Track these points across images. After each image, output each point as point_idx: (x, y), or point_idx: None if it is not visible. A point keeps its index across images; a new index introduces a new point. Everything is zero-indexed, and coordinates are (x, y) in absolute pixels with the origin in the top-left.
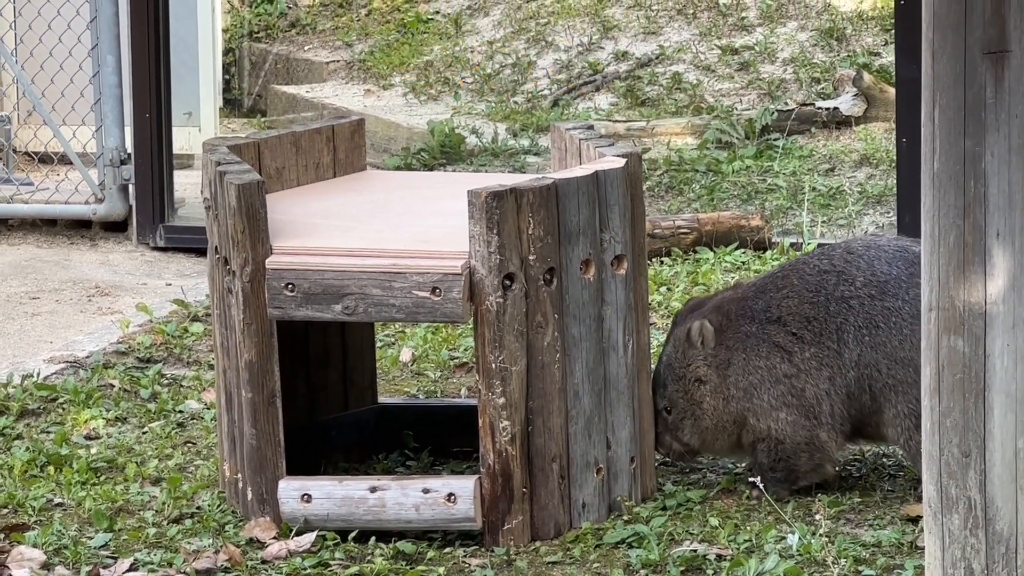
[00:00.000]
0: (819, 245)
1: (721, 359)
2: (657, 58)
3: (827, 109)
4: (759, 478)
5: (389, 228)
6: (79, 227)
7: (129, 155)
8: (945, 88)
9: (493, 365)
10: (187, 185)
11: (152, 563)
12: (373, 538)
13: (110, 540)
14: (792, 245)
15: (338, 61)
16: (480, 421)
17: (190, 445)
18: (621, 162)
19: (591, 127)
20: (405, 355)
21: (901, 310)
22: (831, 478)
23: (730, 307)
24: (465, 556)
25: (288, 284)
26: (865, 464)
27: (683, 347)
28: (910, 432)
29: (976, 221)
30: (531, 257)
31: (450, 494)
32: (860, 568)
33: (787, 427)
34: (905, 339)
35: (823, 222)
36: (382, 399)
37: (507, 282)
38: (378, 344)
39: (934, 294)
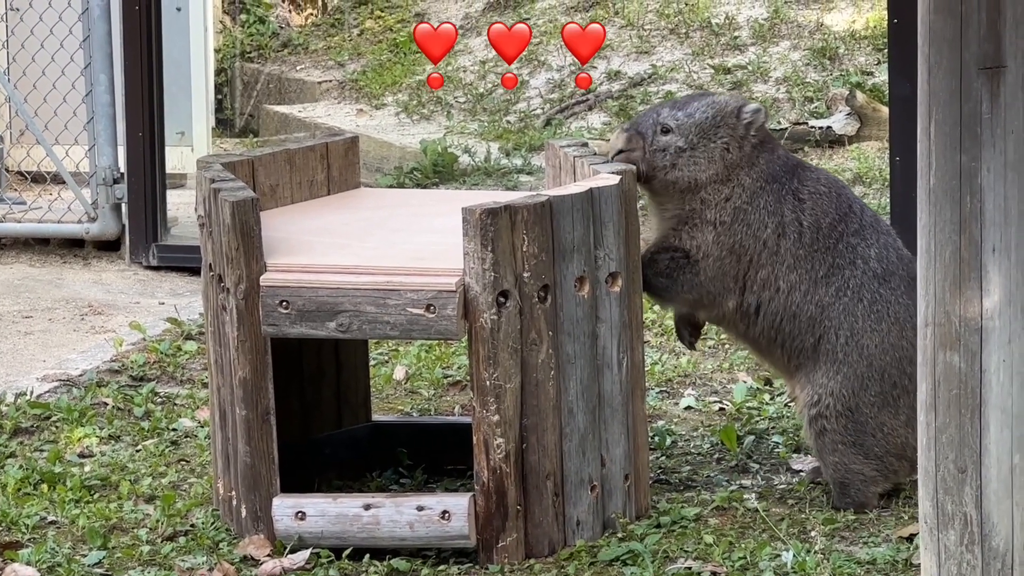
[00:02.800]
0: None
1: None
2: (650, 77)
3: (820, 128)
4: None
5: (383, 245)
6: (72, 246)
7: (122, 174)
8: (941, 103)
9: (487, 382)
10: (180, 204)
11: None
12: (367, 556)
13: (104, 558)
14: None
15: (330, 81)
16: (474, 438)
17: (184, 463)
18: (615, 179)
19: (585, 144)
20: (399, 373)
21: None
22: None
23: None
24: (459, 574)
25: (282, 301)
26: None
27: None
28: (828, 411)
29: (972, 236)
30: (525, 274)
31: (444, 511)
32: None
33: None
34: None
35: None
36: (376, 417)
37: (501, 299)
38: (372, 362)
39: (930, 309)
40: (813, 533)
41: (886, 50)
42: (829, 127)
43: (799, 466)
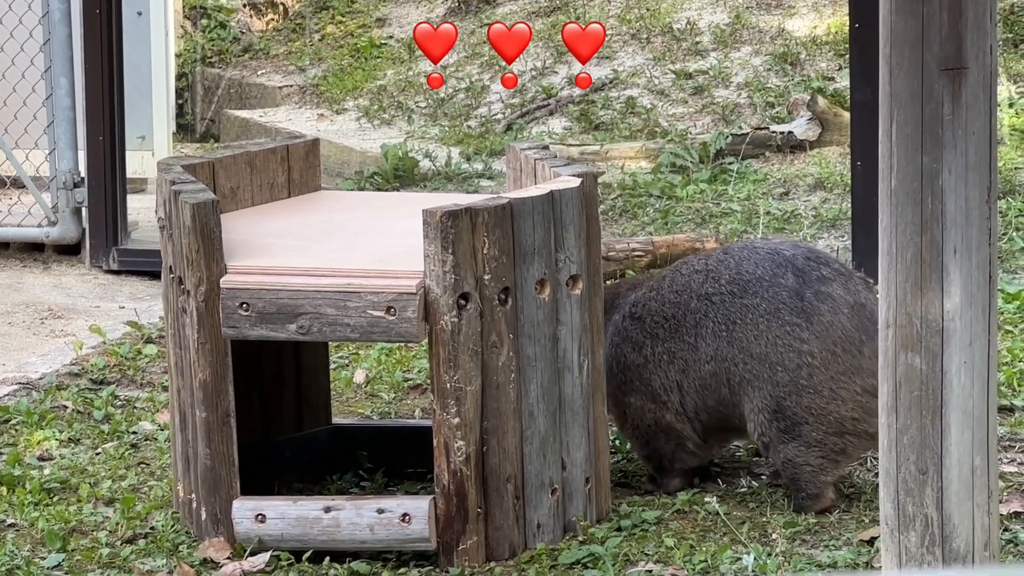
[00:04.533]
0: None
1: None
2: (611, 82)
3: (781, 133)
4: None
5: (344, 248)
6: (32, 250)
7: (82, 178)
8: (903, 105)
9: (448, 385)
10: (140, 209)
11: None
12: (327, 558)
13: (63, 560)
14: None
15: (291, 86)
16: (435, 441)
17: (143, 466)
18: (576, 182)
19: (546, 147)
20: (359, 376)
21: (758, 307)
22: (703, 462)
23: (611, 298)
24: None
25: (243, 303)
26: None
27: None
28: (763, 427)
29: (933, 237)
30: (486, 277)
31: (404, 514)
32: None
33: (636, 412)
34: (760, 334)
35: None
36: (336, 420)
37: (462, 302)
38: (332, 366)
39: (891, 311)
40: (774, 536)
41: (847, 55)
42: (790, 132)
43: (760, 470)
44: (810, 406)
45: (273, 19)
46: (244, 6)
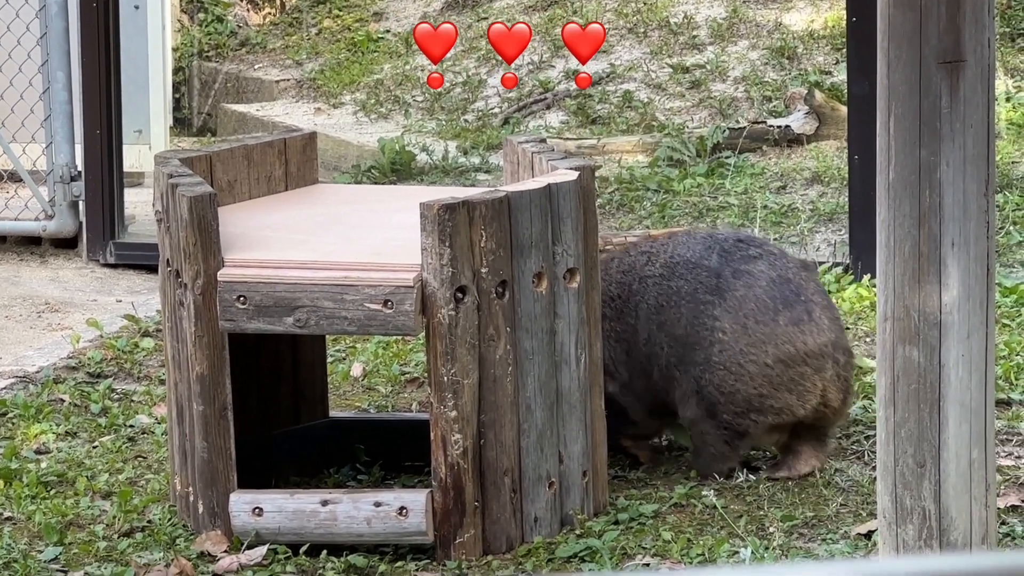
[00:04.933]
0: None
1: None
2: (608, 76)
3: (778, 127)
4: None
5: (341, 241)
6: (29, 244)
7: (79, 172)
8: (900, 98)
9: (445, 378)
10: (137, 203)
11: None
12: (324, 552)
13: (60, 554)
14: None
15: (288, 80)
16: (432, 434)
17: (140, 459)
18: (574, 175)
19: (544, 141)
20: (356, 370)
21: (680, 289)
22: (648, 437)
23: None
24: (417, 570)
25: (240, 296)
26: (819, 479)
27: None
28: (691, 410)
29: (931, 231)
30: (483, 270)
31: (402, 507)
32: None
33: None
34: (681, 316)
35: (775, 239)
36: (333, 413)
37: (459, 295)
38: (329, 359)
39: (889, 304)
40: (771, 530)
41: (844, 49)
42: (787, 126)
43: (757, 463)
44: (720, 384)
45: (270, 13)
46: (241, 0)
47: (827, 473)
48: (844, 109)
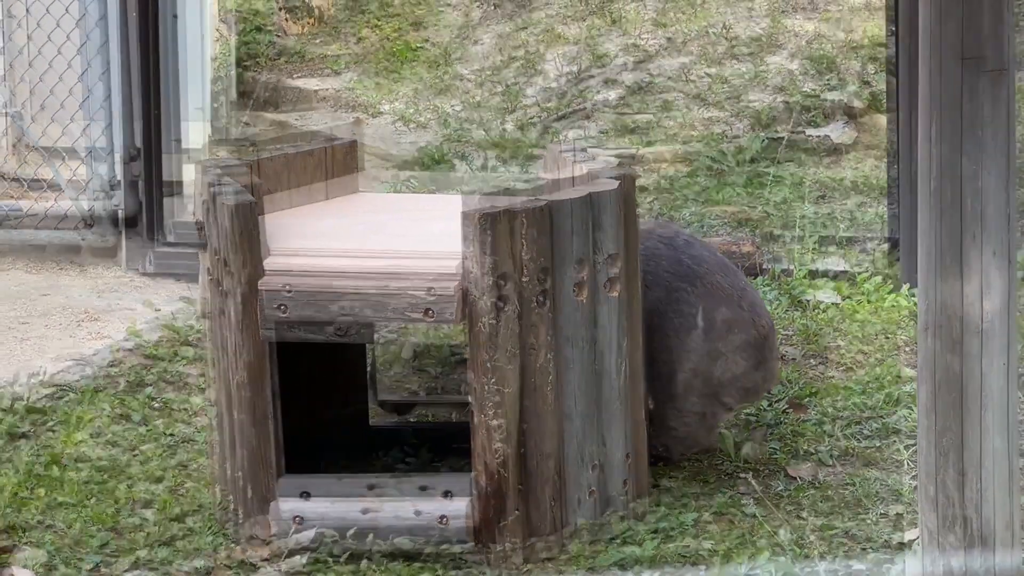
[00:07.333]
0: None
1: None
2: (647, 86)
3: (818, 137)
4: None
5: (382, 250)
6: (68, 252)
7: (119, 182)
8: (943, 108)
9: (486, 387)
10: (176, 213)
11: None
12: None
13: (100, 562)
14: (783, 271)
15: (327, 89)
16: (472, 443)
17: (181, 468)
18: (615, 184)
19: (584, 149)
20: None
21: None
22: None
23: None
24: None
25: (281, 305)
26: (858, 489)
27: None
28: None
29: (974, 240)
30: (524, 279)
31: (442, 516)
32: None
33: None
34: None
35: (813, 249)
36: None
37: (500, 303)
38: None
39: (931, 313)
40: (811, 539)
41: (884, 58)
42: (827, 136)
43: (796, 472)
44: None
45: (309, 23)
46: (280, 10)
47: (867, 482)
48: (883, 119)
